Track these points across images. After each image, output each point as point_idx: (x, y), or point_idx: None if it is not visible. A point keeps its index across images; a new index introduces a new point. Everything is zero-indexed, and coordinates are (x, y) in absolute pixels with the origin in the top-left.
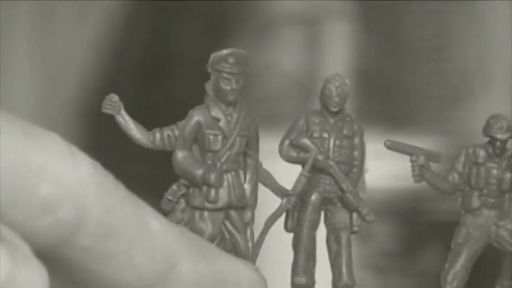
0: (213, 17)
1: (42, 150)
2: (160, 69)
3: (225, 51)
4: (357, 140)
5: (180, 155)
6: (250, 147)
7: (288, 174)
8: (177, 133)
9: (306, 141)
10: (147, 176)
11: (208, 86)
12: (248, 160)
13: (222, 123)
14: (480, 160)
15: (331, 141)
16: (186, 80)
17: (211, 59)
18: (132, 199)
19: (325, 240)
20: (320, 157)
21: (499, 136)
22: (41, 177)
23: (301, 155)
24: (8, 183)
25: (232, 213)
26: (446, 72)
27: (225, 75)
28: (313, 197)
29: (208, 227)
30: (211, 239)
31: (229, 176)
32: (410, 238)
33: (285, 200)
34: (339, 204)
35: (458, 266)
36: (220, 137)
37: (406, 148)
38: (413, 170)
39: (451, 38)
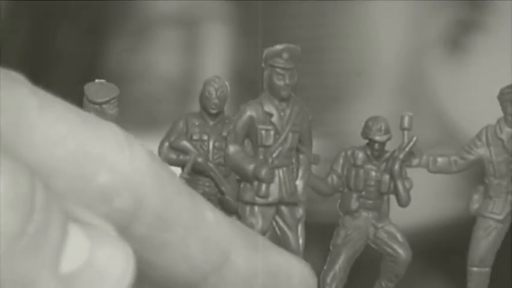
0: (92, 18)
1: (100, 138)
2: (40, 70)
3: (279, 47)
4: None
5: (231, 149)
6: (303, 143)
7: None
8: None
9: (185, 143)
10: None
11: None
12: (301, 156)
13: (274, 119)
14: (359, 162)
15: (211, 143)
16: (66, 80)
17: (265, 54)
18: (187, 190)
19: None
20: (200, 159)
21: (377, 138)
22: (99, 166)
23: (181, 157)
24: (67, 171)
25: (284, 209)
26: (324, 74)
27: (278, 70)
28: None
29: (258, 222)
30: (262, 234)
31: (281, 171)
32: None
33: None
34: (219, 207)
35: (337, 268)
36: (272, 132)
37: None
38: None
39: (330, 39)
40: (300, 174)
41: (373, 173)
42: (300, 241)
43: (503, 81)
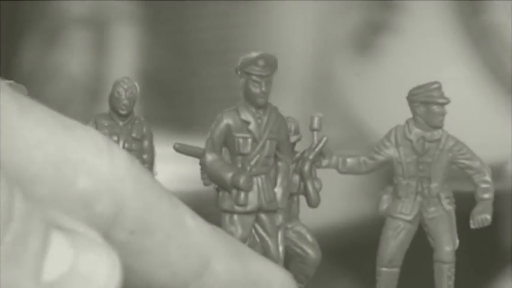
0: (2, 18)
1: (80, 143)
2: None
3: (254, 54)
4: (146, 143)
5: (209, 158)
6: (281, 150)
7: None
8: None
9: None
10: None
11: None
12: (279, 163)
13: (251, 126)
14: None
15: (120, 144)
16: None
17: (240, 61)
18: (168, 195)
19: None
20: None
21: None
22: (79, 170)
23: None
24: (47, 175)
25: (263, 216)
26: (231, 75)
27: (254, 77)
28: None
29: (238, 230)
30: (241, 242)
31: (259, 179)
32: None
33: None
34: None
35: None
36: (250, 140)
37: (195, 151)
38: (202, 173)
39: (236, 40)
40: (278, 181)
41: None
42: (280, 248)
43: (413, 82)
